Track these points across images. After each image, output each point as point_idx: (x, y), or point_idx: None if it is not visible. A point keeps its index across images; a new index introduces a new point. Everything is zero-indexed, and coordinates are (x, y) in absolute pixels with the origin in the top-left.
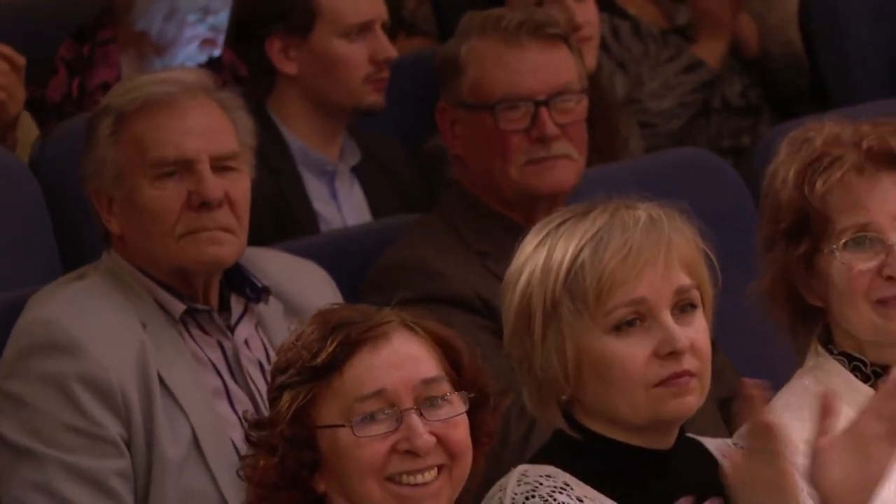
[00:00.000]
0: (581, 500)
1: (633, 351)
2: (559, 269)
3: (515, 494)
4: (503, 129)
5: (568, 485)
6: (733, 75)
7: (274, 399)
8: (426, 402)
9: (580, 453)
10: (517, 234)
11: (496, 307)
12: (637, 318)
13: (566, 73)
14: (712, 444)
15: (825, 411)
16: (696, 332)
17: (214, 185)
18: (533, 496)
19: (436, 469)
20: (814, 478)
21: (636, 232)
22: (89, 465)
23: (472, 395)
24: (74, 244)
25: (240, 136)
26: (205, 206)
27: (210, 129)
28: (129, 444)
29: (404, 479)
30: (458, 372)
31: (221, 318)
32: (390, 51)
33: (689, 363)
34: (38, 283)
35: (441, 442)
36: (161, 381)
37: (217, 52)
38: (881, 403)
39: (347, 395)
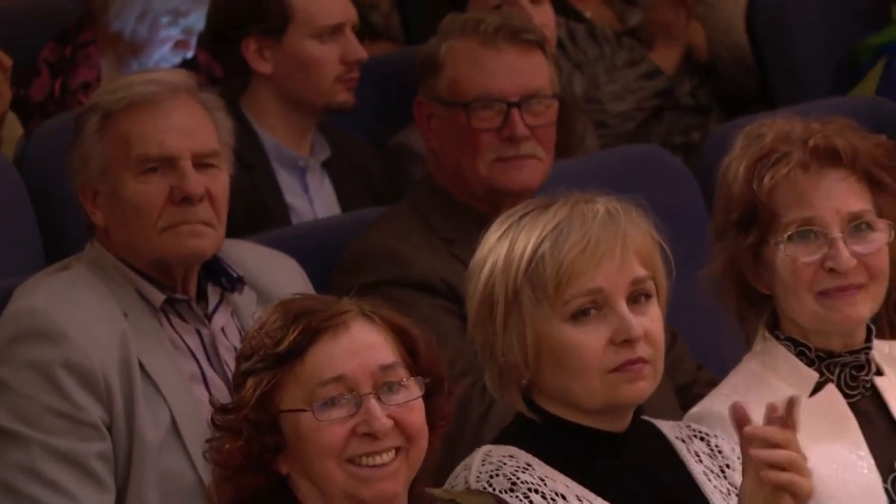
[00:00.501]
0: (542, 480)
1: (590, 338)
2: (521, 260)
3: (480, 473)
4: (475, 127)
5: (530, 465)
6: (684, 77)
7: (238, 385)
8: (384, 387)
9: (540, 435)
10: (485, 224)
11: (461, 292)
12: (594, 308)
13: (539, 77)
14: (666, 426)
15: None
16: (650, 320)
17: (196, 181)
18: (497, 475)
19: (393, 451)
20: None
21: (594, 225)
22: (72, 448)
23: (428, 380)
24: (57, 237)
25: (220, 135)
26: (186, 200)
27: (192, 128)
28: (110, 428)
29: (363, 460)
30: (414, 358)
31: (199, 307)
32: (360, 52)
33: (642, 350)
34: (23, 275)
35: (398, 425)
36: (141, 367)
37: (190, 54)
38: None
39: (309, 381)
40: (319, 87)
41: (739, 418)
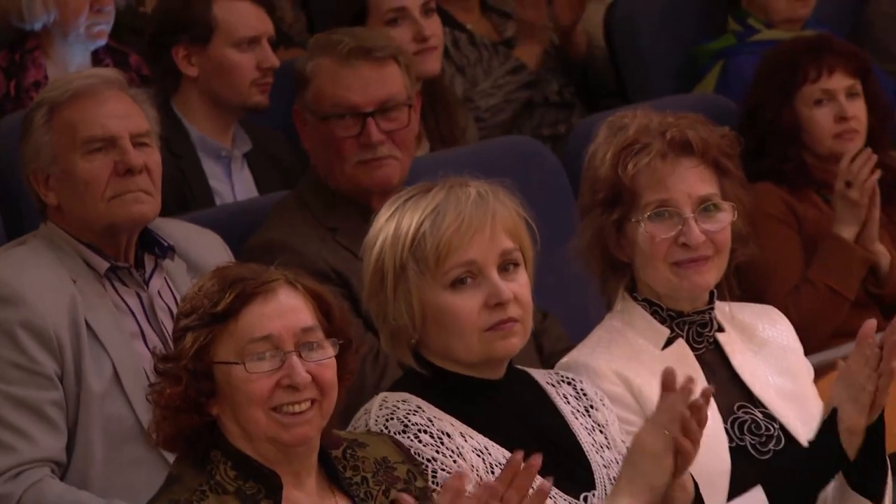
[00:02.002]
0: (431, 421)
1: (467, 303)
2: (405, 238)
3: (378, 417)
4: (337, 136)
5: (420, 407)
6: (552, 77)
7: (178, 338)
8: (304, 346)
9: (429, 384)
10: (361, 211)
11: (347, 276)
12: (469, 276)
13: (391, 87)
14: (538, 373)
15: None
16: (518, 286)
17: (136, 156)
18: (392, 418)
19: (310, 401)
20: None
21: (467, 206)
22: (29, 396)
23: (341, 341)
24: (16, 217)
25: (149, 121)
26: (129, 172)
27: (127, 113)
28: (62, 379)
29: (285, 408)
30: (329, 321)
31: (138, 273)
32: (273, 61)
33: (512, 311)
34: None
35: (315, 380)
36: (88, 326)
37: (110, 11)
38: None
39: (241, 338)
40: (237, 90)
41: (667, 382)
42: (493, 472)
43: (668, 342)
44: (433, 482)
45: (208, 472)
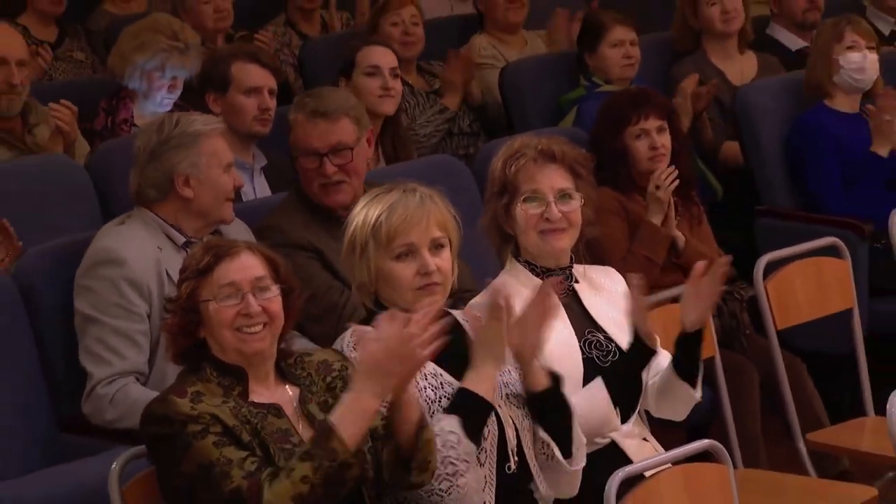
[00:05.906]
0: None
1: (405, 270)
2: (369, 224)
3: (349, 342)
4: (305, 168)
5: None
6: (464, 115)
7: (178, 286)
8: (257, 289)
9: None
10: (328, 214)
11: (321, 249)
12: (409, 253)
13: (340, 136)
14: (457, 313)
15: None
16: (441, 260)
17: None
18: (360, 343)
19: (262, 325)
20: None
21: (412, 206)
22: (126, 326)
23: (284, 286)
24: (109, 208)
25: None
26: (236, 188)
27: None
28: (149, 316)
29: (244, 329)
30: (277, 274)
31: None
32: (268, 104)
33: (436, 278)
34: (91, 231)
35: (265, 310)
36: (169, 278)
37: (178, 92)
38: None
39: (215, 284)
40: (243, 122)
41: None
42: (426, 379)
43: None
44: None
45: (199, 375)
